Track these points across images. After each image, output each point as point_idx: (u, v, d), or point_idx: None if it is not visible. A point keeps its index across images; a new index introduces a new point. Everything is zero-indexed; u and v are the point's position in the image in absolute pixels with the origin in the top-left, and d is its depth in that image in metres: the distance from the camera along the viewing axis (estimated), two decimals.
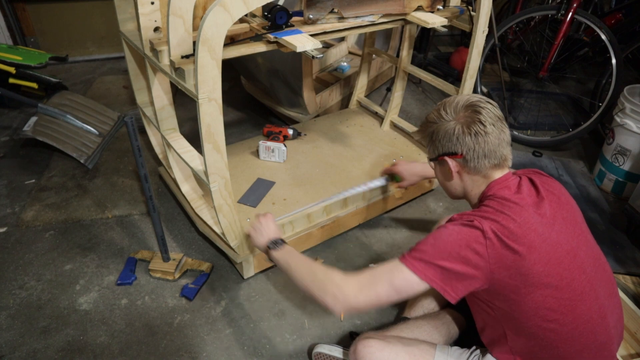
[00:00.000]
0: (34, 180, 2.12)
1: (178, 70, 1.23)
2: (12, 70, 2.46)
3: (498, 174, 1.09)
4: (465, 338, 1.41)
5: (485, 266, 0.96)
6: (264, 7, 1.33)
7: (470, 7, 1.78)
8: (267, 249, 1.24)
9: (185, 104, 2.76)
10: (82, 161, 2.12)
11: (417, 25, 2.09)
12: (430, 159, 1.18)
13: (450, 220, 1.04)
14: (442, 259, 0.97)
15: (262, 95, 2.67)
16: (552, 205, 1.04)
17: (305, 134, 2.19)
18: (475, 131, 1.04)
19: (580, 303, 0.99)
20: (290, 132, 2.13)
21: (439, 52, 3.77)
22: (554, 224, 1.01)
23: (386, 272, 1.01)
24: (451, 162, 1.10)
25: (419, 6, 1.59)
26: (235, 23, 1.19)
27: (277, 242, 1.24)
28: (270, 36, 1.29)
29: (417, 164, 1.72)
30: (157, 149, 1.94)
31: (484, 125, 1.04)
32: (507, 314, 1.03)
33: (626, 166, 2.15)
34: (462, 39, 3.95)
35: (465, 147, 1.06)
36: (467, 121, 1.06)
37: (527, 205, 1.01)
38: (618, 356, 1.15)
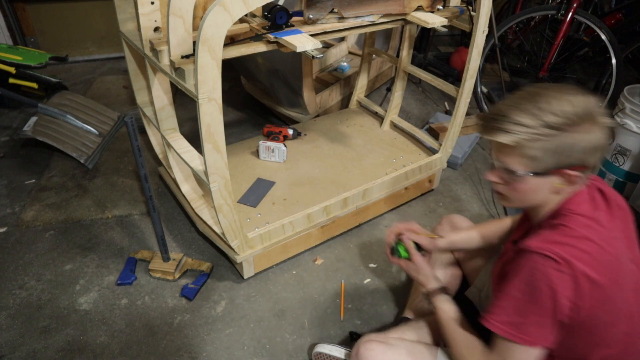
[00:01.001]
0: (34, 180, 2.12)
1: (178, 70, 1.23)
2: (12, 70, 2.46)
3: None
4: None
5: (575, 309, 0.88)
6: (264, 7, 1.33)
7: (470, 7, 1.78)
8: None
9: (185, 104, 2.76)
10: (82, 161, 2.12)
11: (417, 25, 2.10)
12: (538, 174, 0.91)
13: (524, 250, 0.90)
14: (537, 314, 0.88)
15: (262, 95, 2.67)
16: (623, 223, 0.96)
17: (305, 134, 2.19)
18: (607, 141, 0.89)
19: (637, 339, 0.94)
20: (290, 132, 2.13)
21: (439, 52, 3.77)
22: (627, 249, 0.93)
23: (506, 354, 0.93)
24: (575, 175, 0.90)
25: (419, 6, 1.59)
26: (235, 23, 1.19)
27: (430, 294, 1.19)
28: (270, 36, 1.29)
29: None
30: (157, 149, 1.94)
31: (608, 135, 0.89)
32: (569, 350, 0.95)
33: (626, 166, 2.15)
34: (462, 39, 3.94)
35: (594, 159, 0.89)
36: (604, 130, 0.88)
37: (612, 229, 0.91)
38: None
